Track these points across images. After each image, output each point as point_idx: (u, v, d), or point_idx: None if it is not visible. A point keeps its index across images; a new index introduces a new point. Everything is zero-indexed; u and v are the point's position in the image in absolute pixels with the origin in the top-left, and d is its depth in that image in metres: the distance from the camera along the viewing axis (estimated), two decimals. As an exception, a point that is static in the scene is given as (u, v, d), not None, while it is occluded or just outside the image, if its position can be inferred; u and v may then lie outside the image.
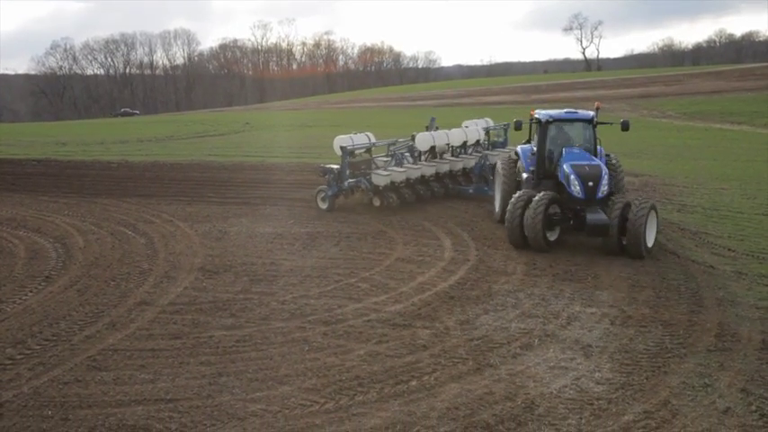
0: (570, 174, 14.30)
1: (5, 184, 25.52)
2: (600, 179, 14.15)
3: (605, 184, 14.24)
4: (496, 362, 9.10)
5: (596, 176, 14.17)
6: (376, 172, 18.88)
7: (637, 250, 13.53)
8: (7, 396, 8.25)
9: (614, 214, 13.69)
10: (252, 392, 8.29)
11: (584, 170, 14.28)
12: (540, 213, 13.88)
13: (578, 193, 14.18)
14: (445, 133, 21.40)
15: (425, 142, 20.49)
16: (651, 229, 13.85)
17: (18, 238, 16.53)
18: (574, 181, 14.20)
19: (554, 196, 14.32)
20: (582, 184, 14.14)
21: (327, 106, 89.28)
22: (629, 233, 13.49)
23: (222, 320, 10.73)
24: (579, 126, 15.86)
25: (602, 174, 14.24)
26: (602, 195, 14.18)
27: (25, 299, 11.97)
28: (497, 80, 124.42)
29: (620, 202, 13.88)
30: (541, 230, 13.95)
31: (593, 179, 14.14)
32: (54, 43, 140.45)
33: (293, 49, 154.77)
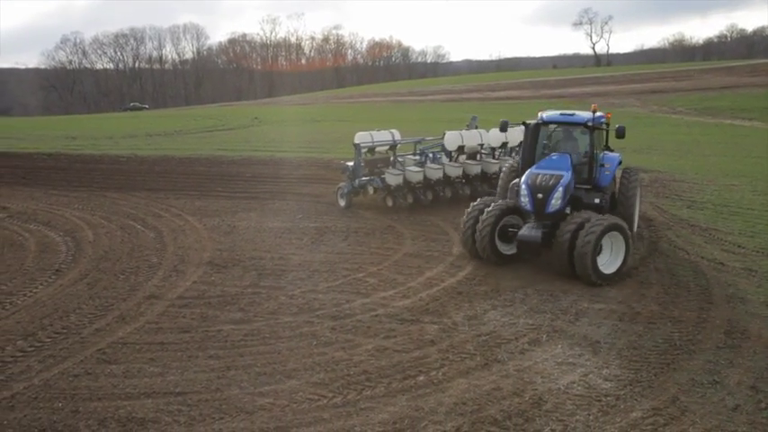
0: (522, 183, 12.89)
1: (16, 178, 25.68)
2: (551, 192, 12.43)
3: (558, 198, 12.42)
4: (504, 357, 9.10)
5: (547, 189, 12.44)
6: (389, 171, 18.41)
7: (585, 276, 11.86)
8: (18, 388, 8.33)
9: (565, 233, 12.04)
10: (260, 386, 8.33)
11: (536, 180, 12.66)
12: (488, 225, 12.88)
13: (526, 205, 12.69)
14: (478, 133, 20.32)
15: (453, 142, 19.61)
16: (611, 254, 12.23)
17: (29, 232, 16.64)
18: (523, 191, 12.72)
19: (509, 207, 13.20)
20: (530, 195, 12.56)
21: (336, 101, 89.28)
22: (575, 256, 11.86)
23: (231, 314, 10.77)
24: (573, 130, 14.06)
25: (555, 186, 12.45)
26: (554, 210, 12.46)
27: (36, 292, 12.06)
28: (506, 75, 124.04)
29: (576, 219, 12.18)
30: (490, 243, 12.89)
31: (544, 191, 12.43)
32: (64, 38, 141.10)
33: (302, 43, 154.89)
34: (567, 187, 12.65)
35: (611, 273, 12.12)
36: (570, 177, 12.73)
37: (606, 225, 11.94)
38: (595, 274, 11.84)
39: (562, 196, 12.50)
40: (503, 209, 13.14)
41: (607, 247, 12.17)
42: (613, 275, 12.10)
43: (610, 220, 12.14)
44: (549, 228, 12.45)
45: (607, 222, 12.02)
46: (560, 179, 12.58)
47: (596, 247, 11.81)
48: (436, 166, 18.77)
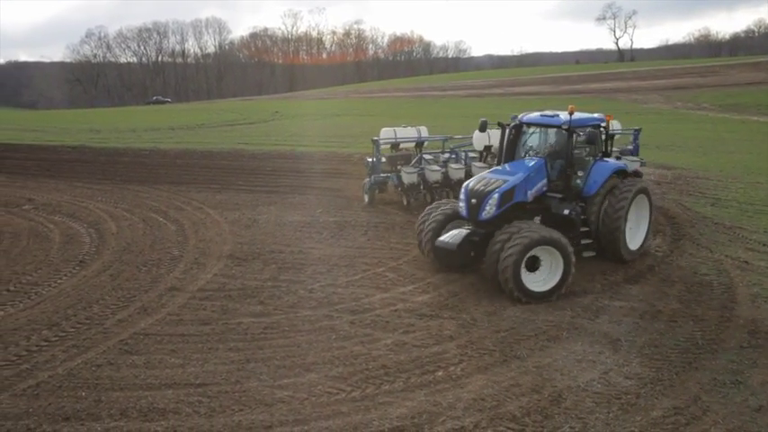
0: (463, 187, 12.36)
1: (42, 171, 26.06)
2: (485, 198, 11.68)
3: (493, 205, 11.61)
4: (523, 354, 9.06)
5: (483, 194, 11.72)
6: (404, 169, 18.09)
7: (508, 292, 10.97)
8: (43, 377, 8.46)
9: (495, 244, 11.16)
10: (279, 379, 8.38)
11: (475, 186, 12.04)
12: (429, 231, 12.51)
13: (462, 211, 12.12)
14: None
15: (480, 141, 18.77)
16: (550, 270, 11.22)
17: (53, 223, 16.88)
18: (461, 196, 12.17)
19: (455, 212, 12.51)
20: (467, 200, 11.96)
21: (357, 95, 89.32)
22: (498, 271, 11.01)
23: (250, 307, 10.85)
24: (550, 133, 13.15)
25: (491, 192, 11.69)
26: (487, 217, 11.68)
27: (60, 282, 12.24)
28: (528, 70, 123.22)
29: (510, 230, 11.23)
30: (433, 249, 12.35)
31: (479, 197, 11.74)
32: (89, 32, 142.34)
33: (323, 38, 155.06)
34: (506, 194, 11.72)
35: (543, 291, 11.05)
36: (516, 184, 11.83)
37: (534, 239, 10.90)
38: (519, 291, 10.85)
39: (497, 203, 11.61)
40: (447, 214, 12.64)
41: (546, 263, 11.20)
42: (547, 294, 11.03)
43: (541, 234, 11.04)
44: (482, 236, 11.64)
45: (536, 236, 10.96)
46: (500, 185, 11.78)
47: (519, 263, 10.77)
48: (458, 166, 18.21)
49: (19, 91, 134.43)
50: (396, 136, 18.94)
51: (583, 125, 12.71)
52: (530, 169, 12.25)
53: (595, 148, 13.14)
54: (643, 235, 13.43)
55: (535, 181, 12.25)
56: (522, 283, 10.89)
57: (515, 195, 11.92)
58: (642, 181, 13.64)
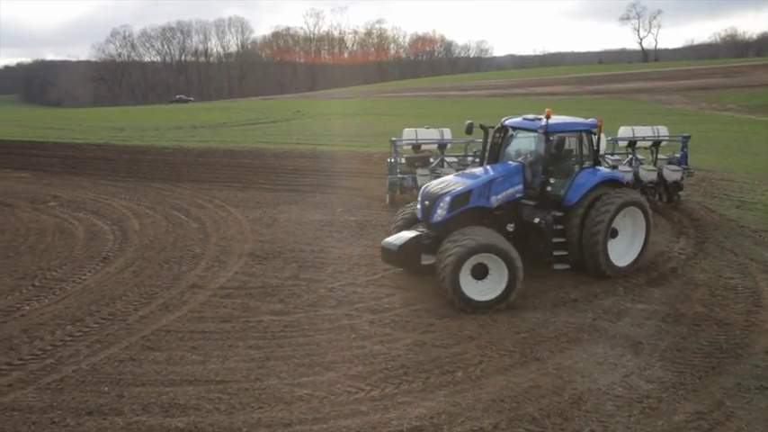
0: (421, 189, 12.20)
1: (67, 168, 26.42)
2: (437, 201, 11.42)
3: (443, 208, 11.30)
4: (544, 355, 9.01)
5: (435, 197, 11.46)
6: (419, 171, 17.73)
7: (449, 300, 10.65)
8: (67, 371, 8.58)
9: (440, 250, 10.82)
10: (299, 377, 8.42)
11: (431, 188, 11.83)
12: (394, 230, 12.29)
13: (418, 213, 11.93)
14: None
15: None
16: (498, 279, 10.72)
17: (78, 220, 17.11)
18: (419, 198, 12.05)
19: (415, 216, 12.18)
20: (421, 202, 11.79)
21: (378, 95, 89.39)
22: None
23: (271, 306, 10.91)
24: (529, 137, 12.58)
25: (442, 196, 11.41)
26: (438, 221, 11.36)
27: (84, 278, 12.40)
28: (550, 70, 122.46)
29: (455, 236, 10.83)
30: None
31: (431, 200, 11.51)
32: (114, 31, 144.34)
33: (345, 37, 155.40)
34: (459, 198, 11.35)
35: (486, 300, 10.62)
36: (472, 189, 11.47)
37: (470, 247, 10.47)
38: (459, 300, 10.51)
39: (448, 207, 11.29)
40: (406, 218, 12.44)
41: (493, 271, 10.72)
42: (491, 303, 10.59)
43: (478, 241, 10.57)
44: (434, 239, 11.31)
45: (473, 243, 10.52)
46: (453, 189, 11.48)
47: (456, 271, 10.41)
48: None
49: (45, 89, 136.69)
50: (417, 137, 18.83)
51: (562, 130, 12.07)
52: (497, 174, 11.88)
53: (582, 155, 12.42)
54: (637, 251, 12.47)
55: (504, 186, 11.77)
56: (461, 292, 10.51)
57: (471, 200, 11.51)
58: (632, 193, 12.55)
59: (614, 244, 12.16)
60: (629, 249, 12.47)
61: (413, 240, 11.27)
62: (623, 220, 12.25)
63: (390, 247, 11.38)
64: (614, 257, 12.13)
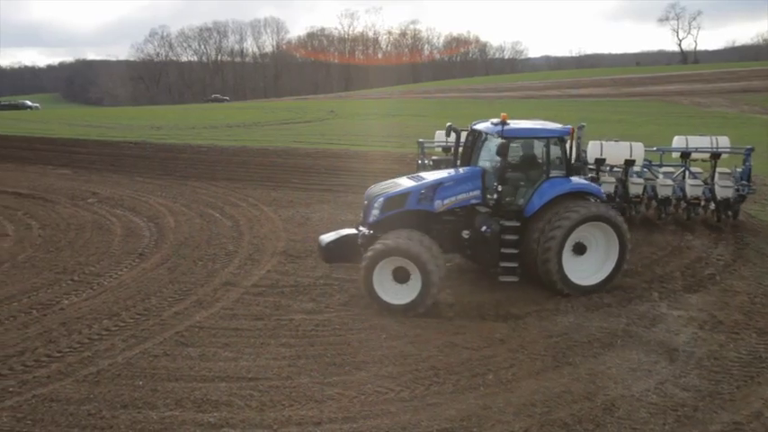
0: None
1: (105, 165, 26.95)
2: (372, 202, 11.44)
3: (377, 209, 11.25)
4: (576, 360, 8.91)
5: (371, 198, 11.53)
6: None
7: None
8: (103, 365, 8.76)
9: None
10: (329, 376, 8.46)
11: (373, 188, 11.90)
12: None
13: (362, 212, 11.97)
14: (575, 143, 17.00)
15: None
16: (410, 283, 10.57)
17: (115, 217, 17.44)
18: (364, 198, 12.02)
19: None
20: (365, 203, 11.86)
21: (412, 96, 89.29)
22: None
23: (303, 304, 10.98)
24: (492, 141, 11.94)
25: (377, 197, 11.40)
26: (372, 220, 11.32)
27: (120, 274, 12.64)
28: (586, 72, 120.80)
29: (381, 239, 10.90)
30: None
31: (369, 200, 11.57)
32: (152, 31, 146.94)
33: (379, 37, 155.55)
34: (393, 200, 11.28)
35: (400, 304, 10.56)
36: (410, 191, 11.30)
37: (379, 250, 10.55)
38: (376, 302, 10.65)
39: (380, 208, 11.24)
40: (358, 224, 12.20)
41: (413, 276, 10.56)
42: (406, 308, 10.49)
43: (388, 245, 10.56)
44: (368, 239, 11.24)
45: (382, 247, 10.57)
46: (389, 191, 11.47)
47: (370, 273, 10.53)
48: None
49: (86, 88, 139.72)
50: (446, 139, 18.62)
51: (520, 136, 11.69)
52: (449, 178, 11.66)
53: (549, 164, 11.60)
54: (608, 270, 11.48)
55: (453, 191, 11.46)
56: (375, 294, 10.62)
57: (407, 202, 11.32)
58: (599, 207, 11.43)
59: (581, 261, 11.40)
60: (601, 268, 11.50)
61: (342, 239, 11.55)
62: (593, 236, 11.39)
63: (320, 243, 11.75)
64: (579, 275, 11.34)
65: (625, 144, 16.07)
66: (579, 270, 11.37)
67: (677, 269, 12.81)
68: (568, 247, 11.21)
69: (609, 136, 16.76)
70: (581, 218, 11.07)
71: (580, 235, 11.25)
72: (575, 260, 11.33)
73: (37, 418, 7.48)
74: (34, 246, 14.67)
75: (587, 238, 11.38)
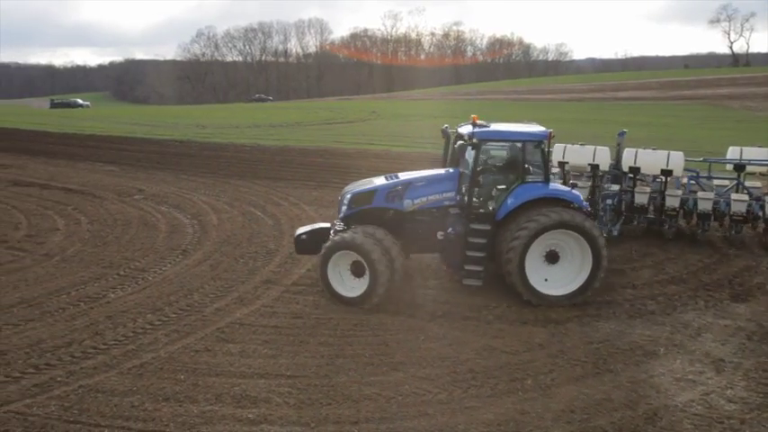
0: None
1: (152, 163, 27.52)
2: (342, 198, 11.86)
3: (345, 204, 11.65)
4: (617, 367, 8.76)
5: (344, 193, 11.90)
6: None
7: None
8: (147, 358, 8.96)
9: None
10: (367, 376, 8.49)
11: (349, 185, 12.30)
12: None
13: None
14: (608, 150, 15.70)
15: (580, 157, 15.74)
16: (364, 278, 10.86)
17: (160, 213, 17.80)
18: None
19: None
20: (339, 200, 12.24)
21: (454, 97, 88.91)
22: None
23: (340, 305, 11.02)
24: (467, 144, 11.57)
25: (345, 194, 11.80)
26: (342, 216, 11.74)
27: (164, 270, 12.89)
28: (632, 75, 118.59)
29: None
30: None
31: (342, 195, 11.96)
32: (199, 31, 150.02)
33: (422, 39, 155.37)
34: (360, 197, 11.56)
35: (351, 296, 10.91)
36: (377, 189, 11.54)
37: (336, 242, 10.94)
38: (329, 293, 11.05)
39: (348, 204, 11.60)
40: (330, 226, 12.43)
41: (367, 271, 10.81)
42: (355, 300, 10.82)
43: (344, 239, 10.87)
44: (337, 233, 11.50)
45: (339, 239, 10.95)
46: (354, 188, 11.83)
47: (325, 264, 10.98)
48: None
49: (134, 87, 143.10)
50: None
51: (491, 139, 11.43)
52: (422, 178, 11.73)
53: (523, 168, 11.31)
54: (580, 282, 10.96)
55: (425, 191, 11.50)
56: (330, 285, 11.04)
57: (375, 200, 11.54)
58: (572, 215, 10.78)
59: (553, 269, 11.04)
60: (574, 279, 11.01)
61: (315, 231, 12.02)
62: (567, 245, 10.95)
63: (294, 234, 12.27)
64: (550, 284, 11.01)
65: (662, 153, 14.87)
66: (551, 279, 11.05)
67: (724, 277, 12.48)
68: (537, 255, 10.94)
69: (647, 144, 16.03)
70: (543, 226, 10.70)
71: (553, 243, 10.94)
72: (546, 268, 11.04)
73: (83, 408, 7.69)
74: (83, 240, 15.08)
75: (562, 246, 11.00)
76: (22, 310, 10.76)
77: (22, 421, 7.45)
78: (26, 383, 8.29)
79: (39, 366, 8.73)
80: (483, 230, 11.15)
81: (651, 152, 15.04)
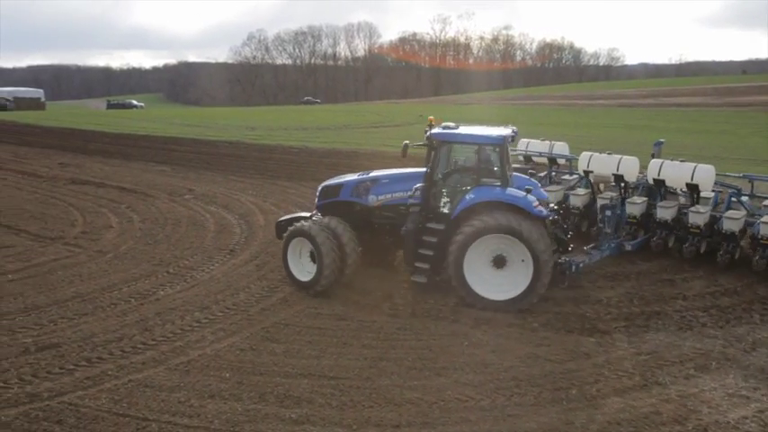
0: None
1: (202, 163, 28.08)
2: (318, 189, 13.10)
3: (317, 196, 12.98)
4: (666, 381, 8.54)
5: (319, 186, 13.25)
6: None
7: None
8: (193, 355, 9.15)
9: None
10: (409, 380, 8.48)
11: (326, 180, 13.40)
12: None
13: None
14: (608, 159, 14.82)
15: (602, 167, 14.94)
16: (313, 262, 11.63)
17: (209, 213, 18.15)
18: None
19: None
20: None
21: (502, 102, 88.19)
22: None
23: (385, 307, 11.05)
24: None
25: (318, 187, 13.12)
26: (317, 206, 12.90)
27: (212, 269, 13.14)
28: (687, 80, 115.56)
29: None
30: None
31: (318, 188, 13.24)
32: (250, 35, 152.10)
33: (470, 43, 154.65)
34: (328, 190, 12.71)
35: (304, 281, 11.75)
36: (344, 183, 12.56)
37: (291, 231, 11.94)
38: (289, 277, 12.02)
39: (318, 195, 12.89)
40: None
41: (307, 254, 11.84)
42: (307, 285, 11.66)
43: (298, 227, 11.87)
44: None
45: (294, 228, 11.92)
46: (326, 181, 13.13)
47: (285, 250, 12.03)
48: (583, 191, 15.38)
49: (187, 89, 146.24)
50: (527, 148, 17.65)
51: (448, 141, 11.62)
52: (390, 176, 12.54)
53: (480, 170, 11.41)
54: (521, 289, 10.75)
55: (390, 188, 12.17)
56: (288, 269, 12.02)
57: (341, 193, 12.46)
58: (510, 219, 10.62)
59: (500, 274, 10.94)
60: (516, 285, 10.82)
61: (291, 219, 12.71)
62: (513, 251, 10.76)
63: (277, 221, 13.24)
64: (494, 288, 10.90)
65: (688, 166, 13.53)
66: (496, 283, 10.95)
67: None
68: (484, 258, 10.94)
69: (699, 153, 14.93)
70: (479, 230, 10.73)
71: (501, 248, 10.85)
72: (493, 272, 10.99)
73: (132, 402, 7.89)
74: (135, 238, 15.48)
75: (509, 252, 10.86)
76: (77, 304, 11.11)
77: (75, 412, 7.69)
78: (79, 376, 8.55)
79: (91, 359, 9.01)
80: (437, 230, 11.32)
81: (678, 164, 13.81)
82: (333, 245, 11.41)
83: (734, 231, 12.74)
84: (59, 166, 27.08)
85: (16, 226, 16.55)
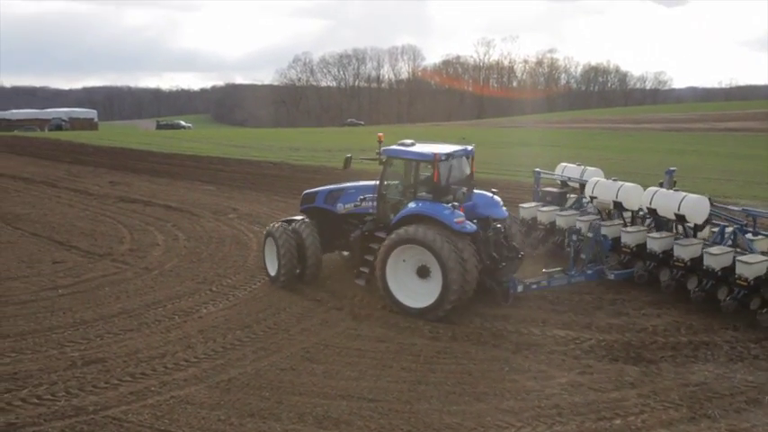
0: None
1: (246, 183, 28.53)
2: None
3: (301, 201, 14.68)
4: (715, 413, 8.26)
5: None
6: (544, 207, 16.33)
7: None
8: (234, 373, 9.24)
9: None
10: (449, 405, 8.40)
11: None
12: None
13: None
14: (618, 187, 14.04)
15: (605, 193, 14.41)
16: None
17: (252, 233, 18.38)
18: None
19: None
20: None
21: (545, 125, 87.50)
22: None
23: (424, 330, 10.99)
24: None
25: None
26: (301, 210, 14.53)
27: (254, 288, 13.29)
28: (737, 105, 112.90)
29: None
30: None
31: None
32: (295, 57, 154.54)
33: (514, 66, 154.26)
34: (308, 197, 14.36)
35: (270, 274, 13.45)
36: (319, 192, 14.22)
37: (267, 230, 13.65)
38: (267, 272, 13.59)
39: (301, 201, 14.61)
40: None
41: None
42: (272, 278, 13.35)
43: (269, 228, 13.56)
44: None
45: (266, 230, 13.76)
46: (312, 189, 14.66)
47: (263, 246, 13.68)
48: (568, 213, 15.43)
49: (233, 110, 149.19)
50: (562, 173, 17.22)
51: (393, 156, 12.88)
52: (353, 187, 13.88)
53: (417, 185, 12.37)
54: (434, 297, 11.21)
55: (353, 198, 13.61)
56: (265, 263, 13.60)
57: (316, 200, 14.09)
58: (417, 231, 11.25)
59: (423, 283, 11.55)
60: (434, 294, 11.30)
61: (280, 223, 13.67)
62: (432, 261, 11.23)
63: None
64: (416, 297, 11.55)
65: (678, 195, 12.82)
66: (417, 292, 11.61)
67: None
68: (408, 267, 11.67)
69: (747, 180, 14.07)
70: (394, 241, 11.56)
71: (422, 258, 11.45)
72: (416, 281, 11.66)
73: (173, 418, 8.00)
74: (179, 256, 15.78)
75: (431, 262, 11.32)
76: (123, 320, 11.37)
77: (118, 426, 7.84)
78: (123, 390, 8.72)
79: (135, 375, 9.18)
80: (381, 238, 12.15)
81: (671, 193, 13.14)
82: (291, 246, 12.96)
83: (714, 268, 11.74)
84: (110, 184, 27.87)
85: (68, 242, 17.08)
